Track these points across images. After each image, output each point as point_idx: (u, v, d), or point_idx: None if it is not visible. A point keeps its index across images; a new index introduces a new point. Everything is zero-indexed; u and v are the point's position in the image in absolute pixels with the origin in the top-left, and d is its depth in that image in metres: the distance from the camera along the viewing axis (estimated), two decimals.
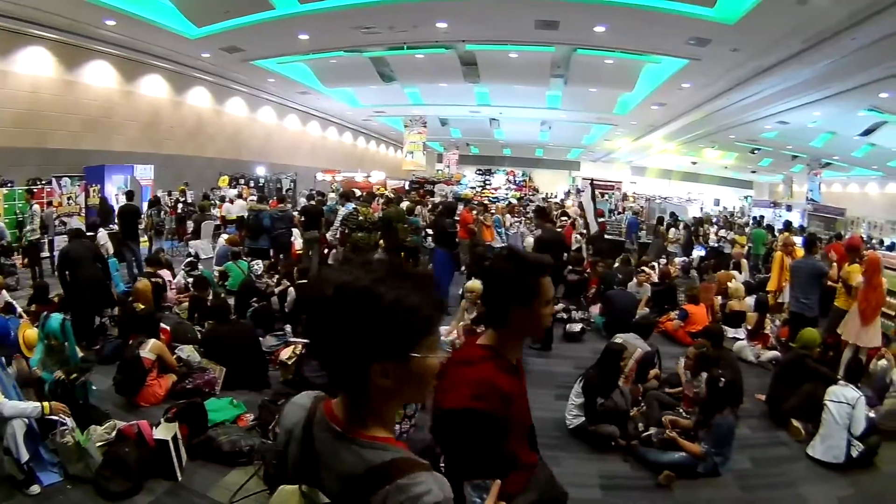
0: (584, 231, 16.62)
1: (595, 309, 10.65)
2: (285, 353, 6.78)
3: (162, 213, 15.48)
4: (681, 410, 6.28)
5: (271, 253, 12.75)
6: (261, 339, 7.40)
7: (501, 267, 2.33)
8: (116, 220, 12.09)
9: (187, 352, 6.62)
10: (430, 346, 1.43)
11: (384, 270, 1.43)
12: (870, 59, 12.99)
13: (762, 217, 24.61)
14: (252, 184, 21.71)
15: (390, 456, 1.39)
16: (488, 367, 2.25)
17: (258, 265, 11.40)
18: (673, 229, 18.19)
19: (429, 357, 1.42)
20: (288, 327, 8.16)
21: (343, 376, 1.42)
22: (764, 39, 12.68)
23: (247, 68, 19.03)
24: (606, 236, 17.66)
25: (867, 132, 22.11)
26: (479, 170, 41.21)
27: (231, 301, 8.88)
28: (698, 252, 16.63)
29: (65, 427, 4.56)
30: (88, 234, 10.81)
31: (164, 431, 4.66)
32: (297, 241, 12.88)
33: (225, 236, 13.07)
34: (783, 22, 11.46)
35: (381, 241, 12.02)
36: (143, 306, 7.46)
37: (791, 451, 6.07)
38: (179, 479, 4.64)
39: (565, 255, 11.04)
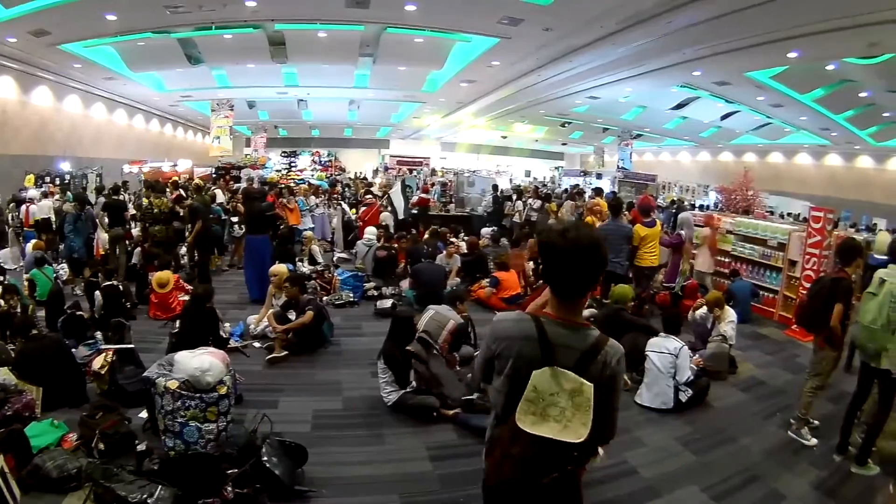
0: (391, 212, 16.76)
1: (405, 283, 11.00)
2: (97, 363, 6.44)
3: None
4: None
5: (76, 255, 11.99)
6: (73, 350, 6.92)
7: None
8: None
9: (2, 375, 6.08)
10: None
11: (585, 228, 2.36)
12: (685, 41, 13.97)
13: (576, 186, 25.88)
14: (58, 181, 19.85)
15: (596, 332, 2.31)
16: None
17: (63, 270, 10.72)
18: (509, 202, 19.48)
19: None
20: (98, 334, 7.64)
21: (587, 289, 2.32)
22: (578, 20, 13.31)
23: (53, 53, 17.34)
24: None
25: (679, 106, 23.94)
26: (285, 152, 40.41)
27: (42, 313, 8.36)
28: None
29: None
30: None
31: None
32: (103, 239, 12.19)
33: (31, 242, 11.89)
34: (598, 4, 12.07)
35: (187, 233, 11.79)
36: None
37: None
38: None
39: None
